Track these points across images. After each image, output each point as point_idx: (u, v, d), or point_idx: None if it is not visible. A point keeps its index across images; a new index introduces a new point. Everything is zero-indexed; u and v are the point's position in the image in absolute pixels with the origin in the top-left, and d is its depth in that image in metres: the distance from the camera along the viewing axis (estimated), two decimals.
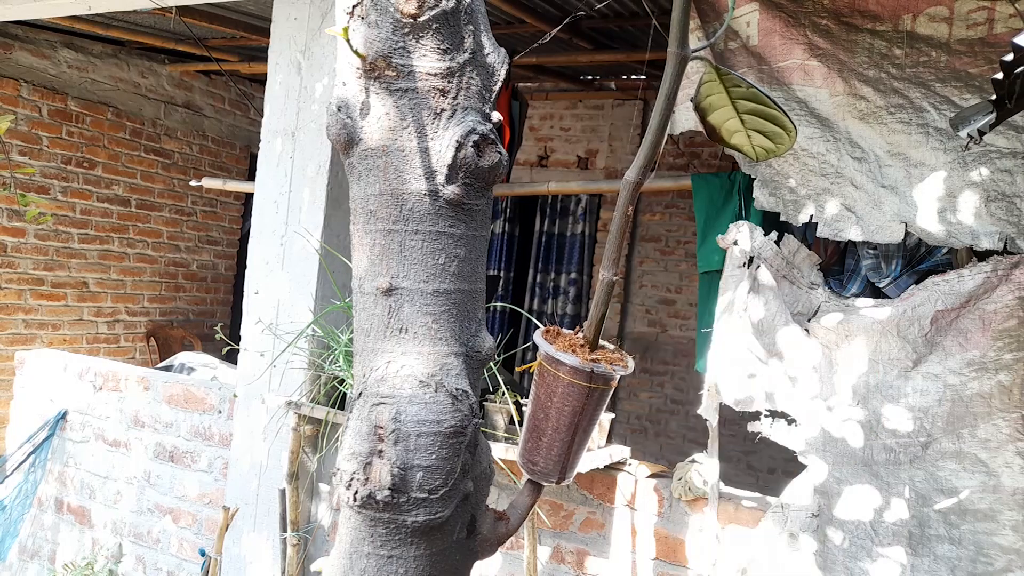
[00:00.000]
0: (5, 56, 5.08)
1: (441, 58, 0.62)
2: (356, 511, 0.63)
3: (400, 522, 0.62)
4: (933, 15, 2.37)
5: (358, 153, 0.63)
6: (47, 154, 5.37)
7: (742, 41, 2.69)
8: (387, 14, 0.61)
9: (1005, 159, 2.27)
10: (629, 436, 5.85)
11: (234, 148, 6.64)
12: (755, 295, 2.58)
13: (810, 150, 2.55)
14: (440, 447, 0.62)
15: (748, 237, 2.61)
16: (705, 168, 5.46)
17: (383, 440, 0.61)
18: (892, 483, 2.35)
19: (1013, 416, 2.22)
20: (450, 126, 0.62)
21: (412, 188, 0.63)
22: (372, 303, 0.64)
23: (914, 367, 2.39)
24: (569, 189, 4.28)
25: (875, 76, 2.47)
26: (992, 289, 2.29)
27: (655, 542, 2.74)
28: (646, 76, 5.18)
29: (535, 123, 6.19)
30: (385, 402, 0.62)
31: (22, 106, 5.20)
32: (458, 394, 0.62)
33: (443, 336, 0.64)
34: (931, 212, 2.36)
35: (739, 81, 0.72)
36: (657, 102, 0.67)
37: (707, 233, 3.30)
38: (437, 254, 0.64)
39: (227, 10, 4.23)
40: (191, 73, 6.17)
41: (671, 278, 5.84)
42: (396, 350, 0.63)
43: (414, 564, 0.64)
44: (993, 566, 2.18)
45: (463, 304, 0.65)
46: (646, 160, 0.69)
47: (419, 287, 0.63)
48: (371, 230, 0.64)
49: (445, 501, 0.62)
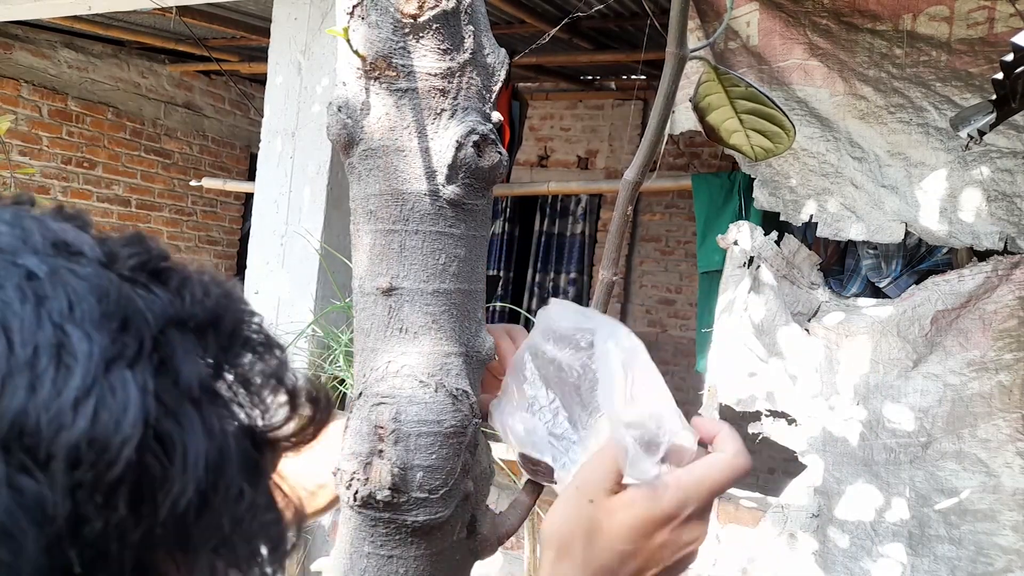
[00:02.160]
0: (5, 56, 5.09)
1: (441, 58, 0.62)
2: (356, 511, 0.63)
3: (400, 522, 0.62)
4: (933, 14, 2.37)
5: (358, 153, 0.63)
6: (47, 154, 5.37)
7: (742, 41, 2.69)
8: (387, 14, 0.61)
9: (1005, 159, 2.27)
10: None
11: (234, 148, 6.64)
12: (755, 295, 2.58)
13: (810, 150, 2.55)
14: (440, 447, 0.62)
15: (748, 237, 2.61)
16: (705, 168, 5.46)
17: (383, 440, 0.61)
18: (892, 483, 2.35)
19: (1013, 416, 2.22)
20: (450, 126, 0.62)
21: (412, 188, 0.63)
22: (372, 303, 0.64)
23: (914, 367, 2.39)
24: (569, 189, 4.27)
25: (875, 76, 2.47)
26: (992, 289, 2.30)
27: None
28: (646, 76, 5.18)
29: (535, 123, 6.19)
30: (385, 402, 0.62)
31: (22, 106, 5.21)
32: (458, 394, 0.62)
33: (443, 336, 0.64)
34: (931, 212, 2.36)
35: (737, 81, 0.72)
36: (656, 102, 0.67)
37: (707, 233, 3.30)
38: (437, 254, 0.64)
39: (227, 10, 4.23)
40: (191, 73, 6.16)
41: (671, 278, 5.84)
42: (396, 350, 0.63)
43: (414, 564, 0.64)
44: (993, 566, 2.18)
45: (463, 304, 0.65)
46: (646, 160, 0.69)
47: (419, 287, 0.63)
48: (371, 230, 0.64)
49: (445, 501, 0.62)
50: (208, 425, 0.30)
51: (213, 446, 0.30)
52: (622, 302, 5.90)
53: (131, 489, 0.27)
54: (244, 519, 0.31)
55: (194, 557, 0.30)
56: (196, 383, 0.30)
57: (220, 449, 0.30)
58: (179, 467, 0.28)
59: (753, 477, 5.54)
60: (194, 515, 0.29)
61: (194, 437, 0.29)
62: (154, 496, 0.28)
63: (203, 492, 0.29)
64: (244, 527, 0.31)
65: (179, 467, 0.28)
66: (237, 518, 0.30)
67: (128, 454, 0.27)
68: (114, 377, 0.28)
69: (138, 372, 0.28)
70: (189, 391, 0.30)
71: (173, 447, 0.28)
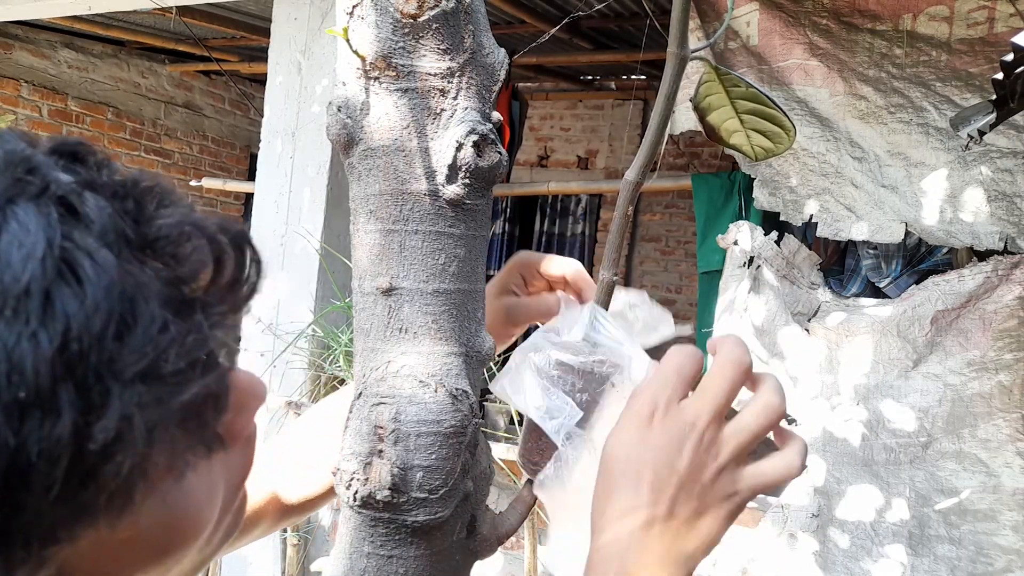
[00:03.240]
0: (5, 56, 5.09)
1: (441, 58, 0.62)
2: (356, 511, 0.63)
3: (400, 522, 0.62)
4: (933, 14, 2.37)
5: (358, 153, 0.63)
6: None
7: (742, 41, 2.69)
8: (387, 14, 0.61)
9: (1005, 159, 2.27)
10: None
11: (234, 148, 6.64)
12: (755, 295, 2.58)
13: (810, 150, 2.55)
14: (440, 447, 0.62)
15: (748, 237, 2.61)
16: (705, 168, 5.46)
17: (383, 440, 0.61)
18: (892, 483, 2.35)
19: (1013, 416, 2.22)
20: (450, 126, 0.62)
21: (412, 188, 0.63)
22: (372, 303, 0.64)
23: (914, 367, 2.39)
24: (569, 189, 4.27)
25: (875, 76, 2.47)
26: (992, 289, 2.29)
27: None
28: (646, 76, 5.18)
29: (535, 123, 6.19)
30: (385, 402, 0.62)
31: (22, 106, 5.20)
32: (458, 394, 0.62)
33: (443, 336, 0.64)
34: (931, 212, 2.36)
35: (738, 81, 0.72)
36: (657, 102, 0.67)
37: (707, 233, 3.30)
38: (437, 254, 0.64)
39: (227, 10, 4.23)
40: (191, 73, 6.16)
41: (671, 278, 5.84)
42: (396, 350, 0.63)
43: (414, 564, 0.64)
44: (993, 566, 2.18)
45: (463, 304, 0.65)
46: (646, 160, 0.69)
47: (419, 287, 0.63)
48: (371, 230, 0.64)
49: (445, 501, 0.62)
50: (125, 266, 0.30)
51: (130, 281, 0.29)
52: None
53: (41, 303, 0.27)
54: (169, 349, 0.30)
55: (120, 386, 0.29)
56: (111, 232, 0.30)
57: (137, 284, 0.30)
58: (91, 290, 0.28)
59: None
60: (112, 337, 0.28)
61: (106, 267, 0.29)
62: (67, 315, 0.27)
63: (121, 316, 0.29)
64: (170, 358, 0.30)
65: (91, 290, 0.28)
66: (161, 347, 0.30)
67: (33, 268, 0.27)
68: (17, 208, 0.28)
69: (42, 206, 0.29)
70: (103, 235, 0.30)
71: (82, 271, 0.28)
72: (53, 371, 0.27)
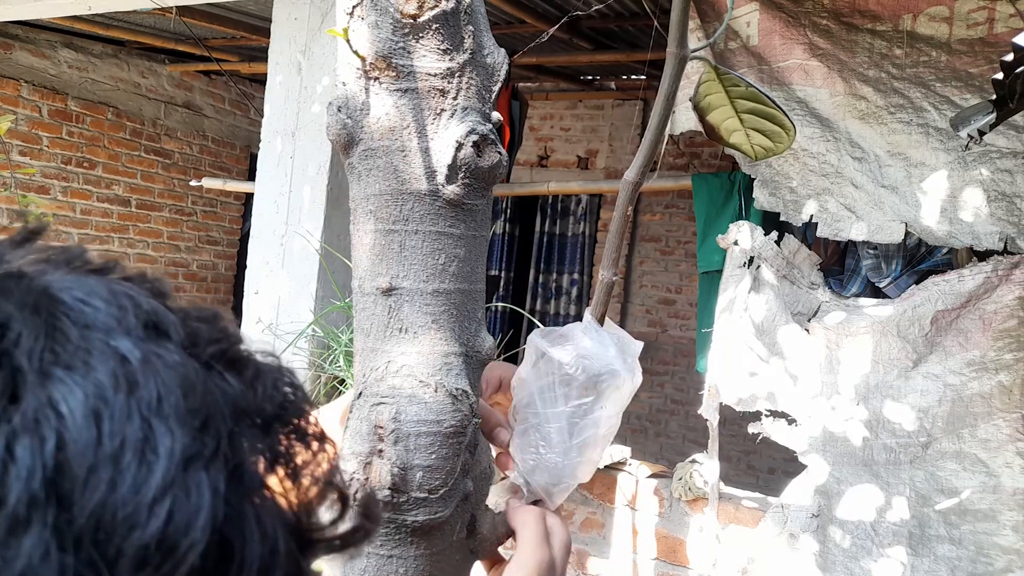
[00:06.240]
0: (5, 56, 5.09)
1: (441, 58, 0.62)
2: None
3: (400, 522, 0.62)
4: (933, 15, 2.37)
5: (358, 153, 0.63)
6: (47, 154, 5.37)
7: (742, 41, 2.69)
8: (387, 14, 0.61)
9: (1005, 159, 2.27)
10: (629, 436, 5.84)
11: (234, 148, 6.64)
12: (756, 295, 2.58)
13: (810, 150, 2.55)
14: (440, 447, 0.62)
15: (748, 237, 2.61)
16: (705, 168, 5.46)
17: (383, 440, 0.61)
18: (892, 483, 2.35)
19: (1013, 416, 2.22)
20: (450, 126, 0.62)
21: (412, 188, 0.63)
22: (372, 303, 0.64)
23: (914, 367, 2.39)
24: (569, 189, 4.27)
25: (875, 76, 2.47)
26: (992, 289, 2.30)
27: (655, 542, 2.74)
28: (646, 76, 5.18)
29: (535, 123, 6.19)
30: (385, 402, 0.62)
31: (22, 106, 5.20)
32: (458, 394, 0.63)
33: (443, 336, 0.64)
34: (931, 212, 2.36)
35: (738, 80, 0.72)
36: (657, 102, 0.67)
37: (707, 233, 3.30)
38: (437, 254, 0.64)
39: (227, 10, 4.23)
40: (191, 73, 6.16)
41: (671, 278, 5.84)
42: (396, 350, 0.63)
43: (414, 564, 0.64)
44: (993, 566, 2.18)
45: (463, 304, 0.65)
46: (646, 160, 0.69)
47: (419, 287, 0.63)
48: (371, 230, 0.64)
49: (445, 501, 0.62)
50: (263, 527, 0.30)
51: (266, 549, 0.29)
52: (622, 302, 5.90)
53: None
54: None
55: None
56: (257, 481, 0.30)
57: (272, 552, 0.30)
58: (234, 574, 0.28)
59: (753, 477, 5.54)
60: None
61: (252, 543, 0.29)
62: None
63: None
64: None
65: (234, 574, 0.28)
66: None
67: (192, 559, 0.26)
68: (191, 478, 0.27)
69: (212, 473, 0.28)
70: (250, 491, 0.30)
71: (231, 554, 0.28)
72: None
